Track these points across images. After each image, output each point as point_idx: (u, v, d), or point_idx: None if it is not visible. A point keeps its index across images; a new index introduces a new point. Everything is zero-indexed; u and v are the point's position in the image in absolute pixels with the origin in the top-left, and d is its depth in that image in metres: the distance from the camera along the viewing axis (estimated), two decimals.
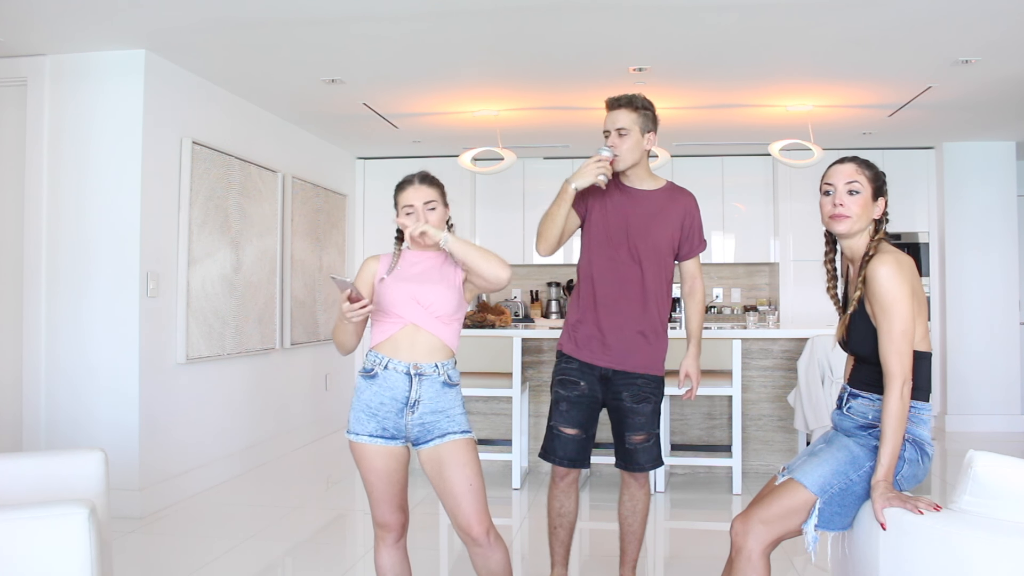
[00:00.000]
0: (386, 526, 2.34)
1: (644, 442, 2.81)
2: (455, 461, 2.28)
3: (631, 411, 2.79)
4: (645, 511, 2.93)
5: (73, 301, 4.23)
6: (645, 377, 2.80)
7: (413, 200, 2.34)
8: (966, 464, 1.88)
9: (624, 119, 2.74)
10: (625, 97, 2.77)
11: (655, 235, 2.79)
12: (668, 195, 2.86)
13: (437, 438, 2.29)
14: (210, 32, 4.02)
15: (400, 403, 2.28)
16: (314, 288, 6.34)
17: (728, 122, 5.99)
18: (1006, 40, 4.08)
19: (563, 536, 2.92)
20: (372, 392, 2.29)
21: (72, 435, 4.18)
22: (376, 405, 2.28)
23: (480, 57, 4.50)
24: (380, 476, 2.29)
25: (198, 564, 3.47)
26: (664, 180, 2.91)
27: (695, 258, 2.92)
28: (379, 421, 2.27)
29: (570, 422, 2.80)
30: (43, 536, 1.94)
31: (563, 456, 2.81)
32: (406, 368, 2.28)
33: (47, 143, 4.26)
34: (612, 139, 2.74)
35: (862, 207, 2.16)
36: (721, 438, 5.15)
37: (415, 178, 2.37)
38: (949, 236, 6.69)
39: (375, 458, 2.28)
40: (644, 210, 2.79)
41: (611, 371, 2.78)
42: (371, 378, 2.30)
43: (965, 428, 6.54)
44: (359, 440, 2.28)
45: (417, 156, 7.11)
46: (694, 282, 2.94)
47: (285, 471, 5.40)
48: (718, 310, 7.43)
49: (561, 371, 2.84)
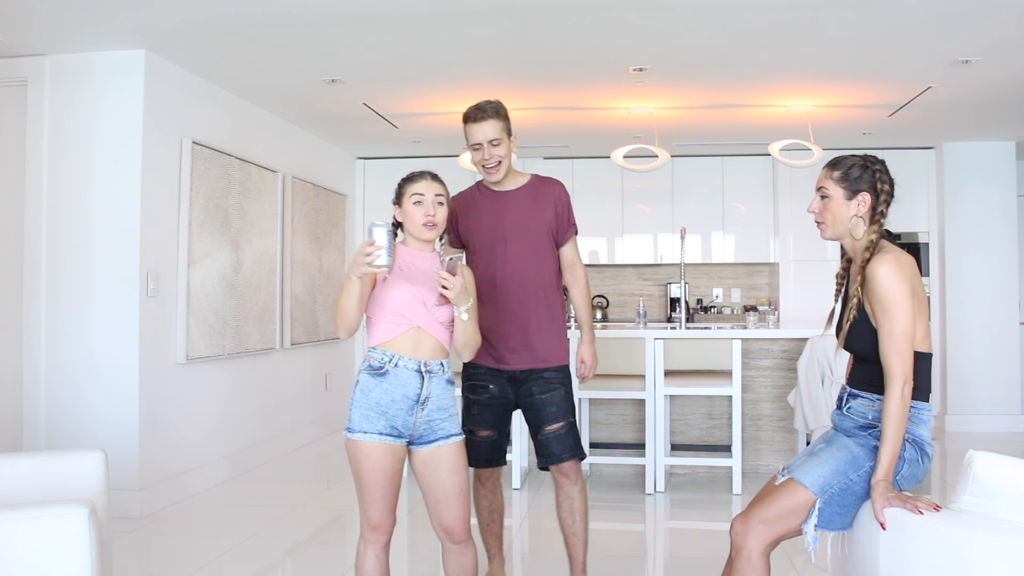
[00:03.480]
0: (380, 527, 2.30)
1: (559, 430, 2.79)
2: (452, 464, 2.32)
3: (542, 402, 2.80)
4: (584, 509, 2.88)
5: (73, 301, 4.23)
6: (551, 369, 2.83)
7: (424, 191, 2.35)
8: (966, 464, 1.88)
9: (492, 129, 2.76)
10: (489, 106, 2.79)
11: (531, 230, 2.82)
12: (535, 188, 2.89)
13: (441, 439, 2.31)
14: (210, 32, 4.02)
15: (411, 400, 2.27)
16: (314, 288, 6.34)
17: (728, 122, 5.99)
18: (1006, 40, 4.08)
19: (496, 530, 3.04)
20: (382, 390, 2.26)
21: (72, 435, 4.18)
22: (387, 403, 2.26)
23: (480, 57, 4.50)
24: (385, 475, 2.26)
25: (198, 564, 3.47)
26: (528, 175, 2.94)
27: (571, 243, 2.92)
28: (388, 419, 2.25)
29: (483, 424, 2.84)
30: (43, 536, 1.94)
31: (478, 458, 2.86)
32: (417, 365, 2.28)
33: (47, 143, 4.26)
34: (486, 151, 2.77)
35: (833, 211, 2.17)
36: (721, 438, 5.15)
37: (426, 174, 2.40)
38: (949, 236, 6.69)
39: (383, 457, 2.25)
40: (515, 208, 2.82)
41: (518, 371, 2.81)
42: (381, 376, 2.27)
43: (965, 428, 6.54)
44: (366, 439, 2.24)
45: (417, 156, 7.10)
46: (574, 268, 2.94)
47: (285, 471, 5.40)
48: (718, 310, 7.43)
49: (469, 377, 2.88)
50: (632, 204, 7.38)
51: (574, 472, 2.84)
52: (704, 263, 7.48)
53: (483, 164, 2.81)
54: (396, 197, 2.41)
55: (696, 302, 7.63)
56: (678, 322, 5.78)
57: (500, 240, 2.82)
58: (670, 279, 7.60)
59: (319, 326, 6.42)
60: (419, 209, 2.33)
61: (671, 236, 7.29)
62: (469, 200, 2.93)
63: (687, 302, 7.30)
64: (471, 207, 2.90)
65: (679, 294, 6.44)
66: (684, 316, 5.68)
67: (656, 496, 4.66)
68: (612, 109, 5.60)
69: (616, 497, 4.71)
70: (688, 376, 4.75)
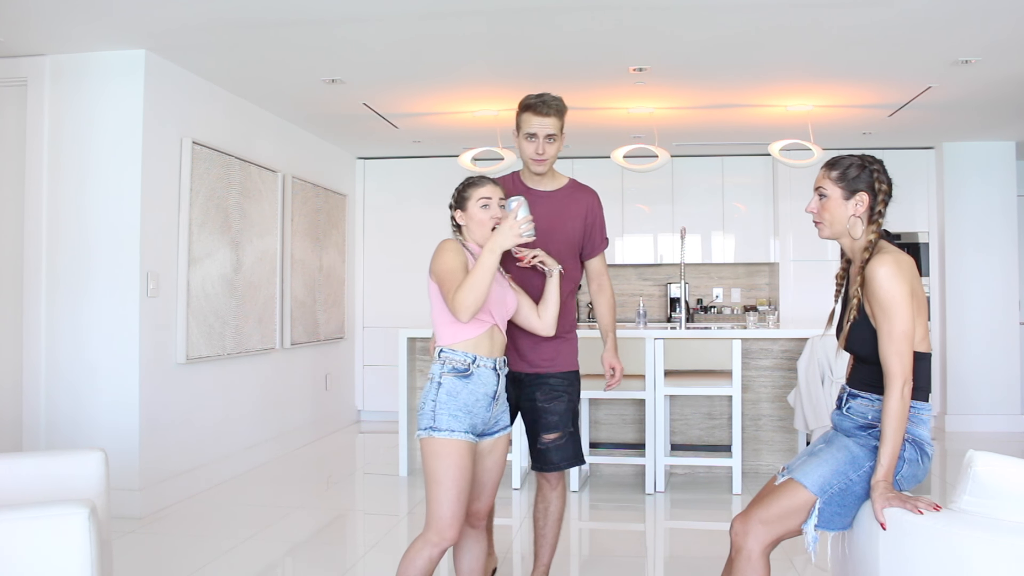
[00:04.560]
0: (478, 513, 2.48)
1: (557, 440, 2.76)
2: (502, 453, 2.50)
3: (543, 411, 2.76)
4: (559, 515, 2.87)
5: (73, 301, 4.23)
6: (557, 376, 2.78)
7: (491, 194, 2.44)
8: (966, 464, 1.88)
9: (553, 125, 2.72)
10: (554, 102, 2.73)
11: (558, 236, 2.76)
12: (570, 193, 2.84)
13: (501, 430, 2.46)
14: (210, 32, 4.02)
15: (490, 398, 2.37)
16: (314, 288, 6.34)
17: (728, 122, 5.99)
18: (1006, 40, 4.08)
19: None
20: (468, 391, 2.32)
21: (72, 435, 4.18)
22: (472, 403, 2.33)
23: (480, 57, 4.50)
24: (467, 473, 2.30)
25: (198, 564, 3.47)
26: (566, 178, 2.89)
27: (600, 256, 2.90)
28: (472, 418, 2.32)
29: None
30: (43, 536, 1.94)
31: None
32: (493, 363, 2.38)
33: (47, 143, 4.26)
34: (540, 145, 2.72)
35: (830, 211, 2.17)
36: (721, 438, 5.15)
37: (488, 179, 2.48)
38: (949, 236, 6.69)
39: (468, 455, 2.30)
40: (546, 211, 2.74)
41: (522, 374, 2.76)
42: (466, 377, 2.33)
43: (965, 428, 6.54)
44: (455, 437, 2.27)
45: (417, 156, 7.10)
46: (601, 279, 2.93)
47: (285, 471, 5.40)
48: (718, 310, 7.43)
49: None
50: (632, 204, 7.38)
51: (557, 479, 2.83)
52: (704, 263, 7.48)
53: (533, 156, 2.75)
54: (457, 202, 2.49)
55: (696, 302, 7.63)
56: (678, 322, 5.78)
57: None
58: (670, 279, 7.60)
59: (319, 326, 6.42)
60: (487, 212, 2.42)
61: (671, 236, 7.28)
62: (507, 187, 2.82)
63: (687, 302, 7.30)
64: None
65: (679, 294, 6.44)
66: (684, 316, 5.68)
67: (656, 496, 4.66)
68: (612, 109, 5.60)
69: (616, 497, 4.71)
70: (688, 376, 4.75)
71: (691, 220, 7.12)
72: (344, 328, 6.98)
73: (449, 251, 2.37)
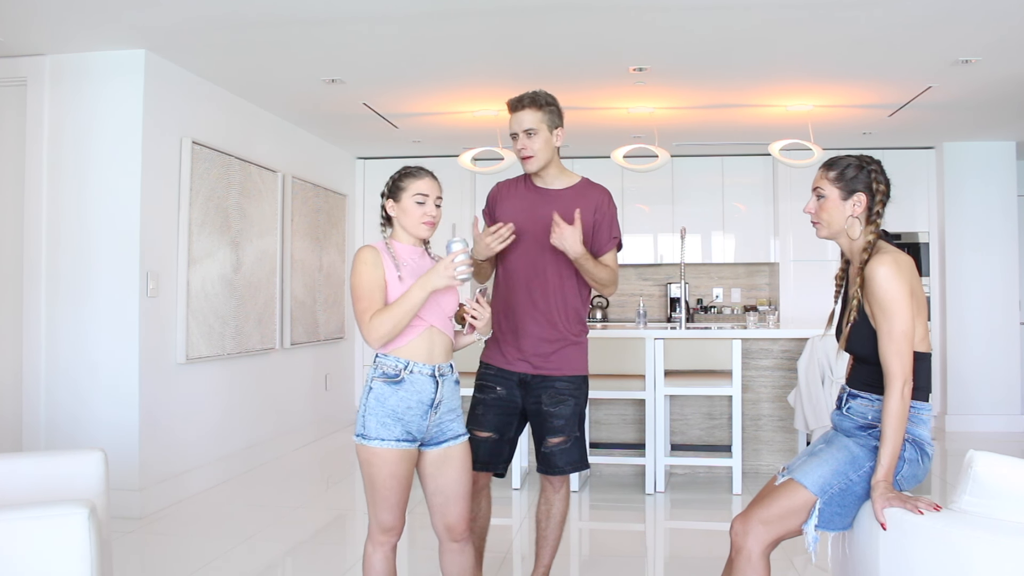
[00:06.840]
0: (393, 530, 2.31)
1: (562, 444, 2.73)
2: (461, 463, 2.36)
3: (548, 414, 2.72)
4: (561, 517, 2.85)
5: (73, 301, 4.23)
6: (564, 379, 2.74)
7: (428, 191, 2.32)
8: (966, 464, 1.88)
9: (530, 119, 2.65)
10: (528, 96, 2.68)
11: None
12: (580, 191, 2.78)
13: (451, 439, 2.35)
14: (210, 32, 4.02)
15: (426, 405, 2.28)
16: (314, 288, 6.34)
17: (728, 122, 5.99)
18: (1006, 40, 4.08)
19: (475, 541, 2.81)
20: (398, 398, 2.25)
21: (72, 435, 4.18)
22: (403, 410, 2.25)
23: (480, 57, 4.50)
24: (400, 480, 2.26)
25: (198, 564, 3.47)
26: (579, 176, 2.83)
27: (609, 255, 2.75)
28: (404, 425, 2.25)
29: (484, 425, 2.73)
30: (43, 536, 1.94)
31: (475, 460, 2.60)
32: (431, 371, 2.29)
33: (47, 143, 4.26)
34: (521, 141, 2.68)
35: (828, 211, 2.17)
36: (721, 438, 5.15)
37: (428, 172, 2.35)
38: (949, 236, 6.69)
39: (399, 463, 2.25)
40: (556, 210, 2.66)
41: (529, 376, 2.73)
42: (396, 383, 2.26)
43: (965, 428, 6.54)
44: (384, 446, 2.23)
45: (417, 156, 7.10)
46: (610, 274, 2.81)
47: (285, 471, 5.40)
48: (718, 310, 7.43)
49: (480, 377, 2.80)
50: (632, 204, 7.37)
51: (561, 482, 2.82)
52: (704, 263, 7.48)
53: (518, 154, 2.71)
54: (391, 191, 2.34)
55: (696, 302, 7.63)
56: (678, 322, 5.78)
57: (532, 240, 2.71)
58: (670, 279, 7.60)
59: (319, 326, 6.41)
60: (421, 208, 2.31)
61: (671, 236, 7.28)
62: (512, 189, 2.81)
63: (687, 302, 7.30)
64: (511, 197, 2.79)
65: (679, 294, 6.43)
66: (684, 316, 5.68)
67: (656, 496, 4.66)
68: (612, 109, 5.60)
69: (616, 497, 4.71)
70: (688, 376, 4.75)
71: (691, 220, 7.12)
72: (344, 328, 6.98)
73: (367, 264, 2.25)
